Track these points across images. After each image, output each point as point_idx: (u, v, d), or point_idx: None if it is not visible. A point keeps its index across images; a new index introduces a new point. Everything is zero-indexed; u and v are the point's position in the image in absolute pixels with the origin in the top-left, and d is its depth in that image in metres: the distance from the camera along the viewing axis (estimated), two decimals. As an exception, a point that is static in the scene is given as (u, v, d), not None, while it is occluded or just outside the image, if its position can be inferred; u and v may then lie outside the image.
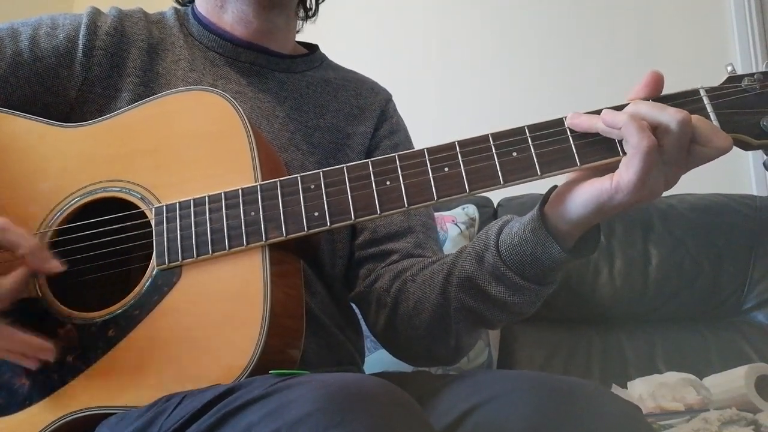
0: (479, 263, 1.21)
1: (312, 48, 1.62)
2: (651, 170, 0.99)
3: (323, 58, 1.62)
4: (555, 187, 1.13)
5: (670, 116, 0.98)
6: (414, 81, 3.18)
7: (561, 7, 3.26)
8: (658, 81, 1.06)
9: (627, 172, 1.00)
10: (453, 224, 2.36)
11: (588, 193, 1.05)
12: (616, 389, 1.91)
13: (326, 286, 1.40)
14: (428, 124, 2.04)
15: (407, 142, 1.60)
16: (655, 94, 1.05)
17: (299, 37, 1.63)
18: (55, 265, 1.09)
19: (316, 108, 1.49)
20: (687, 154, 1.01)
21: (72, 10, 3.51)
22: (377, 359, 2.06)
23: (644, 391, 1.84)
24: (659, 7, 3.16)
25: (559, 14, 3.26)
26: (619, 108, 1.03)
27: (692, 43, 3.09)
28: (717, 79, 1.08)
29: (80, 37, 1.36)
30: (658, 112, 0.99)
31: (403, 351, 1.43)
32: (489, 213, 2.53)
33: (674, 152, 0.99)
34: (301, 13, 1.62)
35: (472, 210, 2.46)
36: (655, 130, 0.99)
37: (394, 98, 1.66)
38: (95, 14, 1.41)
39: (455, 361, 1.38)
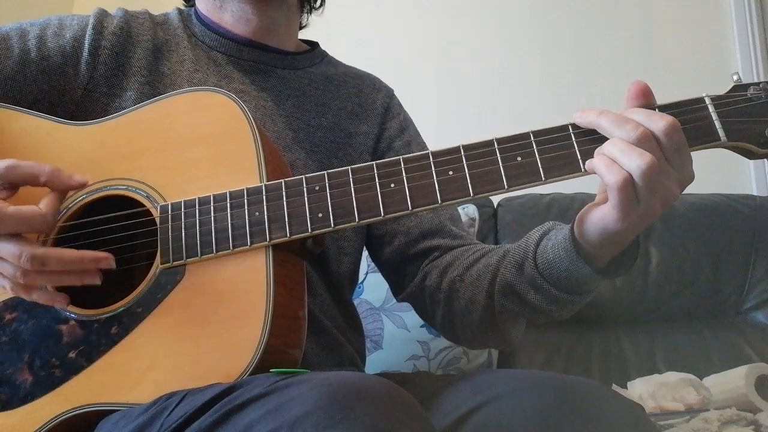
0: (519, 272, 1.23)
1: (313, 45, 1.63)
2: (629, 201, 1.00)
3: (324, 54, 1.63)
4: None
5: (637, 160, 0.98)
6: (415, 81, 3.17)
7: (562, 9, 3.25)
8: (643, 91, 1.06)
9: (609, 205, 1.03)
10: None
11: (591, 223, 1.08)
12: (616, 389, 1.91)
13: (329, 287, 1.41)
14: (429, 123, 2.03)
15: (417, 136, 1.62)
16: (646, 102, 1.05)
17: (305, 33, 1.64)
18: (80, 178, 1.08)
19: (318, 106, 1.50)
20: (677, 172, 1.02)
21: (72, 10, 3.50)
22: (377, 359, 2.07)
23: (644, 391, 1.85)
24: (660, 9, 3.16)
25: (559, 15, 3.25)
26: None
27: (693, 45, 3.09)
28: (717, 81, 1.08)
29: (86, 36, 1.37)
30: (625, 155, 1.00)
31: (461, 340, 1.48)
32: (489, 213, 2.54)
33: (659, 176, 1.00)
34: (306, 7, 1.62)
35: (472, 210, 2.46)
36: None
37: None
38: (102, 15, 1.42)
39: (510, 347, 1.42)
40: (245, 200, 1.11)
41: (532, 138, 1.06)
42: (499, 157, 1.06)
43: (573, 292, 1.18)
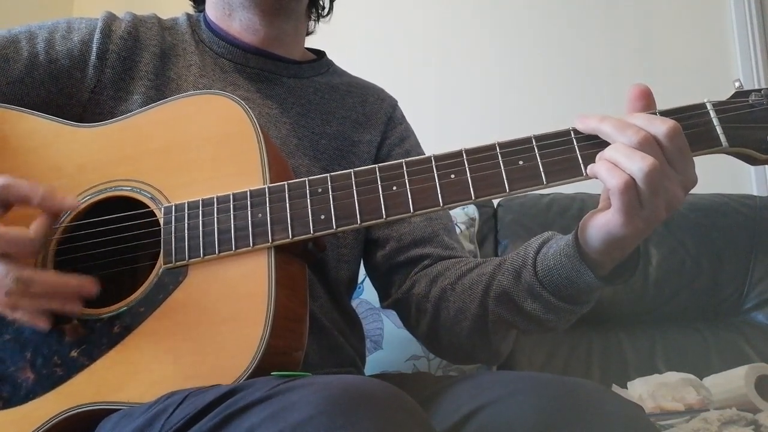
0: (516, 280, 1.23)
1: (320, 54, 1.64)
2: (632, 205, 1.00)
3: (330, 64, 1.63)
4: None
5: (638, 163, 0.98)
6: (415, 84, 3.17)
7: (561, 13, 3.25)
8: (643, 94, 1.06)
9: (612, 210, 1.03)
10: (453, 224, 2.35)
11: (594, 228, 1.08)
12: (616, 389, 1.92)
13: (328, 291, 1.42)
14: (429, 127, 2.04)
15: (417, 147, 1.62)
16: (646, 105, 1.05)
17: (312, 39, 1.64)
18: (72, 201, 1.10)
19: (322, 115, 1.50)
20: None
21: (72, 10, 3.51)
22: (377, 359, 2.07)
23: (644, 391, 1.85)
24: (660, 12, 3.15)
25: (559, 20, 3.24)
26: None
27: (693, 48, 3.08)
28: (717, 84, 1.08)
29: (95, 40, 1.38)
30: (627, 159, 0.99)
31: (445, 353, 1.47)
32: (489, 213, 2.53)
33: (662, 178, 1.00)
34: (313, 15, 1.63)
35: (471, 210, 2.45)
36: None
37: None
38: (110, 19, 1.43)
39: (496, 363, 1.41)
40: (248, 202, 1.11)
41: (534, 142, 1.06)
42: (501, 161, 1.06)
43: (572, 302, 1.18)
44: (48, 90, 1.34)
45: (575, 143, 1.05)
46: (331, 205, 1.10)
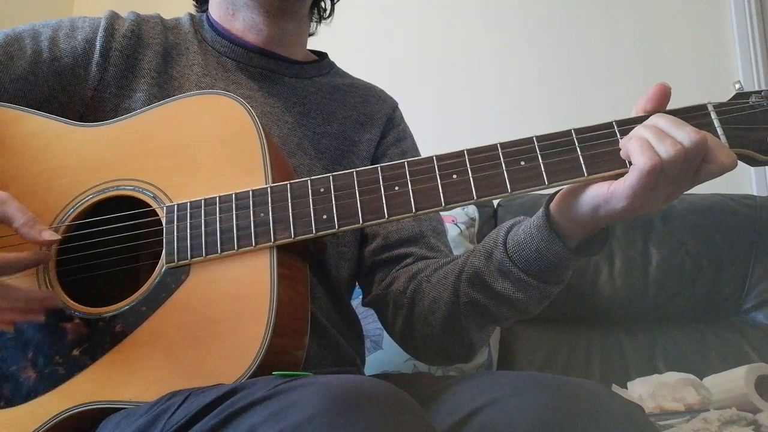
0: (487, 260, 1.24)
1: (321, 55, 1.64)
2: (646, 187, 1.01)
3: (332, 65, 1.64)
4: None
5: (685, 134, 0.99)
6: (413, 84, 3.17)
7: (560, 14, 3.24)
8: (664, 94, 1.07)
9: (623, 182, 1.02)
10: (453, 224, 2.35)
11: (587, 195, 1.07)
12: (616, 389, 1.91)
13: (328, 292, 1.42)
14: (428, 128, 2.04)
15: (414, 149, 1.63)
16: (661, 107, 1.06)
17: (312, 40, 1.65)
18: (50, 236, 1.10)
19: (323, 114, 1.51)
20: (695, 172, 1.02)
21: (72, 10, 3.52)
22: (377, 359, 2.06)
23: (644, 391, 1.85)
24: (660, 13, 3.15)
25: (558, 21, 3.24)
26: (632, 120, 1.06)
27: (693, 49, 3.07)
28: (718, 85, 1.09)
29: (98, 38, 1.39)
30: (674, 128, 1.01)
31: (420, 351, 1.45)
32: (489, 213, 2.54)
33: (682, 171, 1.01)
34: (316, 17, 1.64)
35: (472, 210, 2.46)
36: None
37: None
38: (113, 17, 1.44)
39: (469, 359, 1.40)
40: (251, 201, 1.12)
41: (535, 143, 1.07)
42: (502, 162, 1.07)
43: (542, 279, 1.18)
44: (51, 87, 1.35)
45: (576, 144, 1.06)
46: (334, 205, 1.10)
